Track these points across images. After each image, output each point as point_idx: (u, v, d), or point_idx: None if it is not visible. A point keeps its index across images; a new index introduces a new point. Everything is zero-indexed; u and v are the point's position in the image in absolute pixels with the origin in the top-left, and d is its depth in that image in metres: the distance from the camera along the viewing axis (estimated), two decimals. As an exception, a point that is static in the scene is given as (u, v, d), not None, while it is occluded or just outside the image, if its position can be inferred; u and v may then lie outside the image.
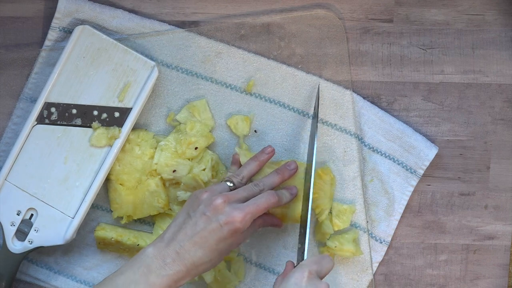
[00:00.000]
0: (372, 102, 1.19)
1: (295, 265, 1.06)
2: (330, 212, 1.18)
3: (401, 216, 1.19)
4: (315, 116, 1.16)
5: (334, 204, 1.18)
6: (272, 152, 1.14)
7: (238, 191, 1.06)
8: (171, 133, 1.17)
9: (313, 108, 1.18)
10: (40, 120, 1.13)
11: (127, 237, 1.17)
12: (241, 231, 1.03)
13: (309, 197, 1.10)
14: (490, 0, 1.19)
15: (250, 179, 1.12)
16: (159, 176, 1.16)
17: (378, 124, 1.18)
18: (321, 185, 1.16)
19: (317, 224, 1.18)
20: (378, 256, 1.19)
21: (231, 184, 1.08)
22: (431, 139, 1.19)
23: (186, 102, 1.18)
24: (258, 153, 1.14)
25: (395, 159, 1.18)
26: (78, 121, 1.14)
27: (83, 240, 1.19)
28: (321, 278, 1.00)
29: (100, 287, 1.02)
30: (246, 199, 1.06)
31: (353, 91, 1.18)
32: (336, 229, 1.17)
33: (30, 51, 1.17)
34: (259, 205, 1.04)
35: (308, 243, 1.08)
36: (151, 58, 1.17)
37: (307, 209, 1.10)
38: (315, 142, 1.13)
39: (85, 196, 1.13)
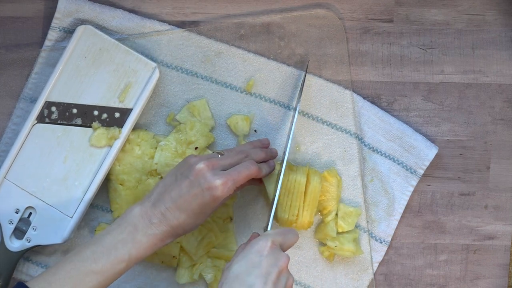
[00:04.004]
0: (372, 102, 1.19)
1: None
2: (336, 214, 1.17)
3: (401, 216, 1.19)
4: (296, 104, 1.16)
5: (341, 205, 1.17)
6: (268, 146, 1.15)
7: (222, 158, 1.07)
8: (171, 133, 1.17)
9: (312, 108, 1.18)
10: (41, 119, 1.13)
11: (127, 236, 1.17)
12: (221, 198, 1.04)
13: (278, 181, 1.11)
14: (490, 0, 1.19)
15: None
16: (159, 176, 1.16)
17: (378, 124, 1.18)
18: (327, 187, 1.16)
19: (321, 224, 1.18)
20: (378, 256, 1.19)
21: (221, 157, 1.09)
22: (431, 139, 1.19)
23: (186, 102, 1.18)
24: (255, 140, 1.15)
25: (395, 159, 1.18)
26: (78, 121, 1.14)
27: (83, 240, 1.19)
28: (284, 250, 1.01)
29: (88, 246, 1.02)
30: (230, 166, 1.06)
31: (353, 91, 1.18)
32: (340, 230, 1.16)
33: (30, 51, 1.18)
34: (240, 172, 1.05)
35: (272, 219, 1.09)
36: (151, 58, 1.17)
37: (276, 189, 1.10)
38: (292, 130, 1.14)
39: (84, 196, 1.13)
